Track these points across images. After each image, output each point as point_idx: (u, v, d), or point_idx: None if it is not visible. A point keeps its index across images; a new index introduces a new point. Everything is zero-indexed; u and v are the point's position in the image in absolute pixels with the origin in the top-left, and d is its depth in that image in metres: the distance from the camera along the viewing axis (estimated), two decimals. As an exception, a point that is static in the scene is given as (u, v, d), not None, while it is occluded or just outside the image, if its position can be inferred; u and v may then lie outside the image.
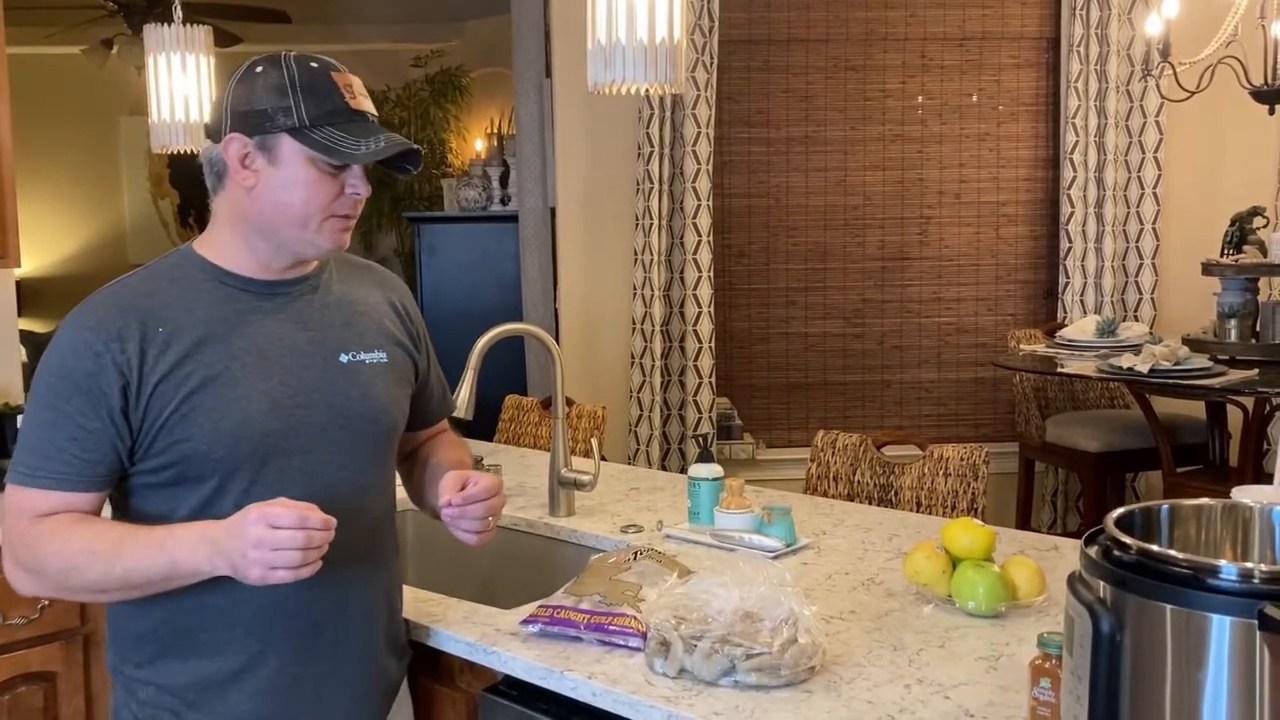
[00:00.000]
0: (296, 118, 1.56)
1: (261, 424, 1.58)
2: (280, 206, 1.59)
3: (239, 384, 1.58)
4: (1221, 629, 1.06)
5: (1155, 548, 1.13)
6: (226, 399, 1.57)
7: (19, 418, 3.08)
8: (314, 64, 1.59)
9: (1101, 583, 1.14)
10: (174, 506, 1.59)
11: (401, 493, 2.07)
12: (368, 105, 1.62)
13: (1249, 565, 1.09)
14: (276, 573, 1.44)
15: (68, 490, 1.55)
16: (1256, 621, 1.03)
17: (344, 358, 1.68)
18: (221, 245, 1.65)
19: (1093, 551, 1.17)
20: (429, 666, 1.88)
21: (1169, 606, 1.08)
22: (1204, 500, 1.29)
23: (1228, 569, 1.07)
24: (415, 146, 1.62)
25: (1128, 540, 1.14)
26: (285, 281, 1.67)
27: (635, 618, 1.71)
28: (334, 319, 1.70)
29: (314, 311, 1.68)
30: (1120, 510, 1.22)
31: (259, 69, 1.59)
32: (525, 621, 1.79)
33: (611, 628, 1.71)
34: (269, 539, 1.43)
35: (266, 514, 1.44)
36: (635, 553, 1.94)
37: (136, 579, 1.52)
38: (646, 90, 2.11)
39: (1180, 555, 1.10)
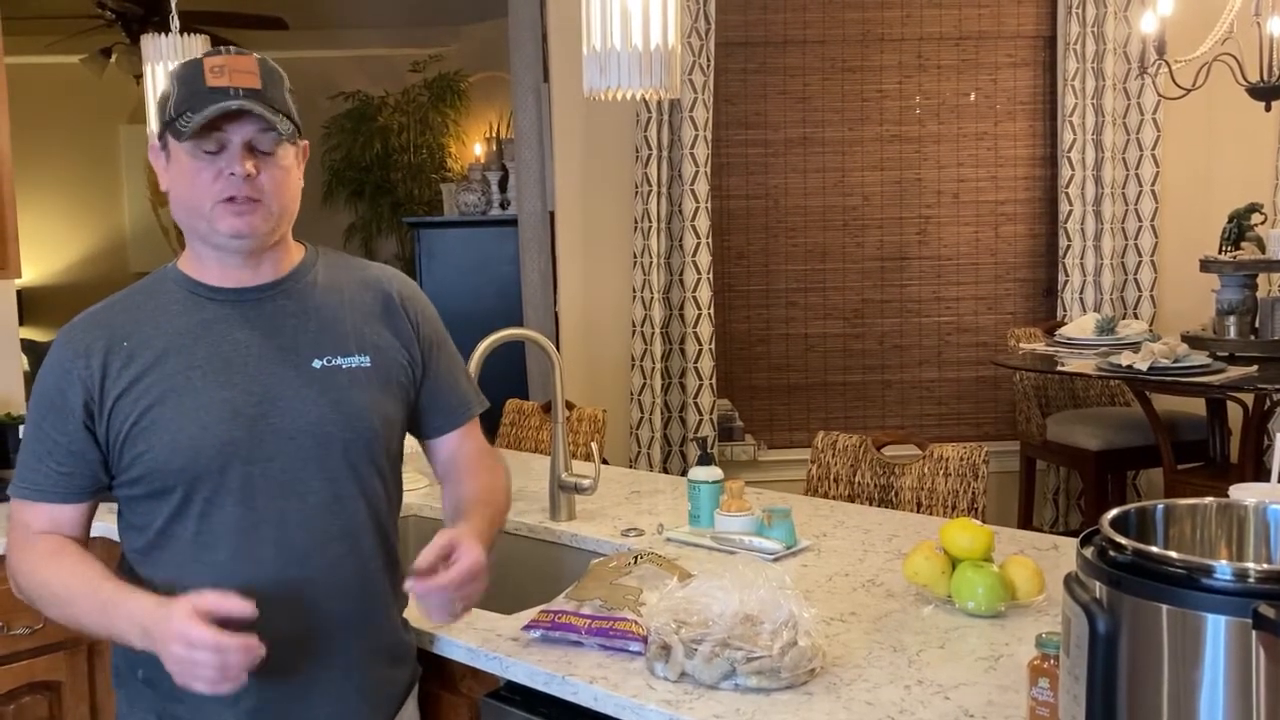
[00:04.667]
0: (170, 112, 1.59)
1: (220, 432, 1.58)
2: (179, 200, 1.62)
3: (198, 393, 1.59)
4: (1217, 628, 1.06)
5: (1150, 548, 1.13)
6: (184, 409, 1.58)
7: (21, 428, 3.08)
8: (199, 56, 1.61)
9: (1097, 583, 1.15)
10: (150, 519, 1.62)
11: (407, 497, 2.07)
12: (239, 81, 1.56)
13: (1244, 565, 1.10)
14: (195, 684, 1.47)
15: (50, 502, 1.63)
16: (1251, 621, 1.04)
17: (318, 363, 1.65)
18: (191, 257, 1.68)
19: (1088, 552, 1.18)
20: (431, 672, 1.88)
21: (1164, 606, 1.09)
22: (1199, 499, 1.29)
23: (1222, 569, 1.08)
24: (235, 107, 1.54)
25: (1123, 541, 1.14)
26: (254, 287, 1.66)
27: (636, 622, 1.72)
28: (309, 324, 1.67)
29: (287, 317, 1.67)
30: (1115, 510, 1.22)
31: None
32: (527, 627, 1.80)
33: (613, 632, 1.72)
34: (186, 656, 1.45)
35: (185, 631, 1.44)
36: (636, 556, 1.95)
37: (88, 629, 1.62)
38: (642, 95, 2.12)
39: (1175, 555, 1.11)
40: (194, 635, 1.44)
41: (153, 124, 3.31)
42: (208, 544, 1.60)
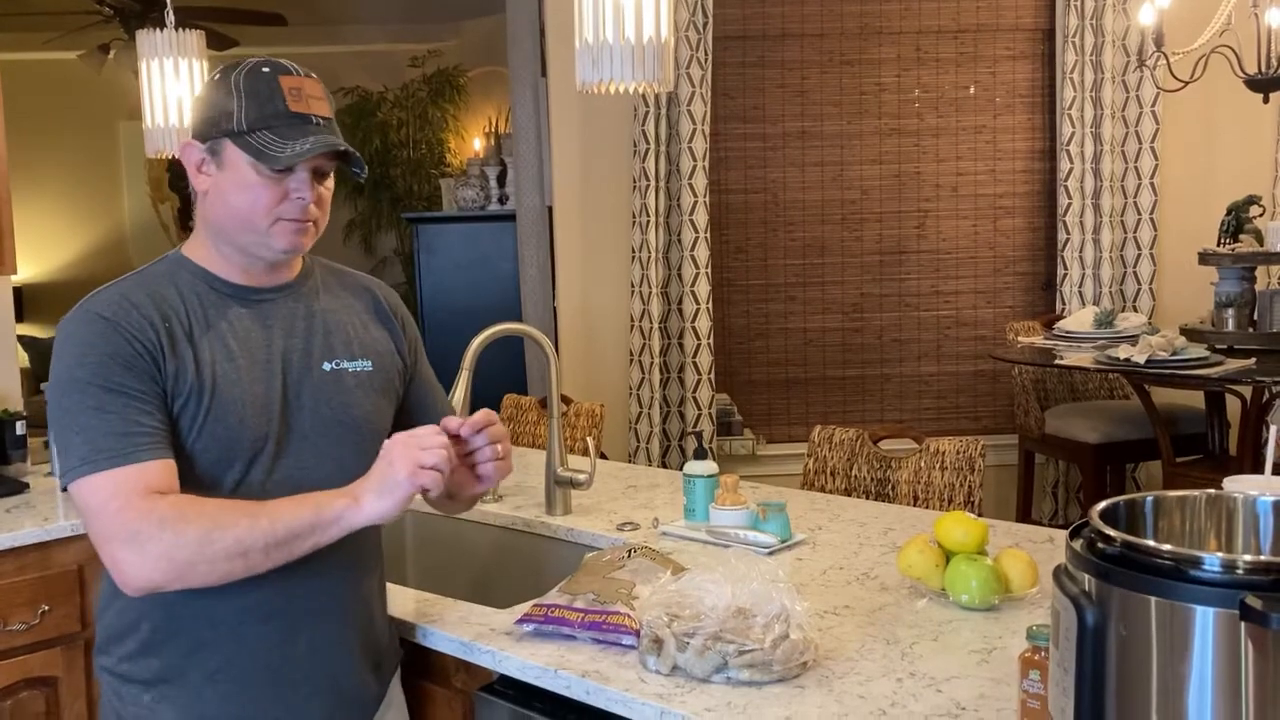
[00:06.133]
0: (236, 123, 1.58)
1: (254, 428, 1.60)
2: (229, 210, 1.61)
3: (234, 386, 1.59)
4: (1205, 620, 1.06)
5: (1139, 540, 1.13)
6: (224, 400, 1.58)
7: (19, 424, 3.09)
8: (265, 69, 1.61)
9: (1086, 575, 1.14)
10: None
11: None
12: (316, 108, 1.61)
13: (1232, 556, 1.09)
14: (425, 472, 1.51)
15: (161, 458, 1.51)
16: (1239, 613, 1.04)
17: (328, 365, 1.69)
18: (205, 250, 1.68)
19: (1077, 544, 1.18)
20: (424, 666, 1.89)
21: (1153, 598, 1.08)
22: (1188, 491, 1.29)
23: (1210, 560, 1.07)
24: (343, 147, 1.61)
25: (1111, 533, 1.14)
26: (269, 288, 1.69)
27: (629, 616, 1.72)
28: (318, 327, 1.70)
29: (298, 319, 1.69)
30: (1104, 502, 1.22)
31: (217, 76, 1.63)
32: (520, 621, 1.80)
33: (606, 626, 1.72)
34: (414, 440, 1.53)
35: (410, 431, 1.57)
36: (629, 550, 1.95)
37: (280, 530, 1.50)
38: (635, 89, 2.11)
39: (1164, 547, 1.11)
40: (418, 429, 1.57)
41: (148, 120, 3.30)
42: None
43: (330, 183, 1.67)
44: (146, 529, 1.47)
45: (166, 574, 1.49)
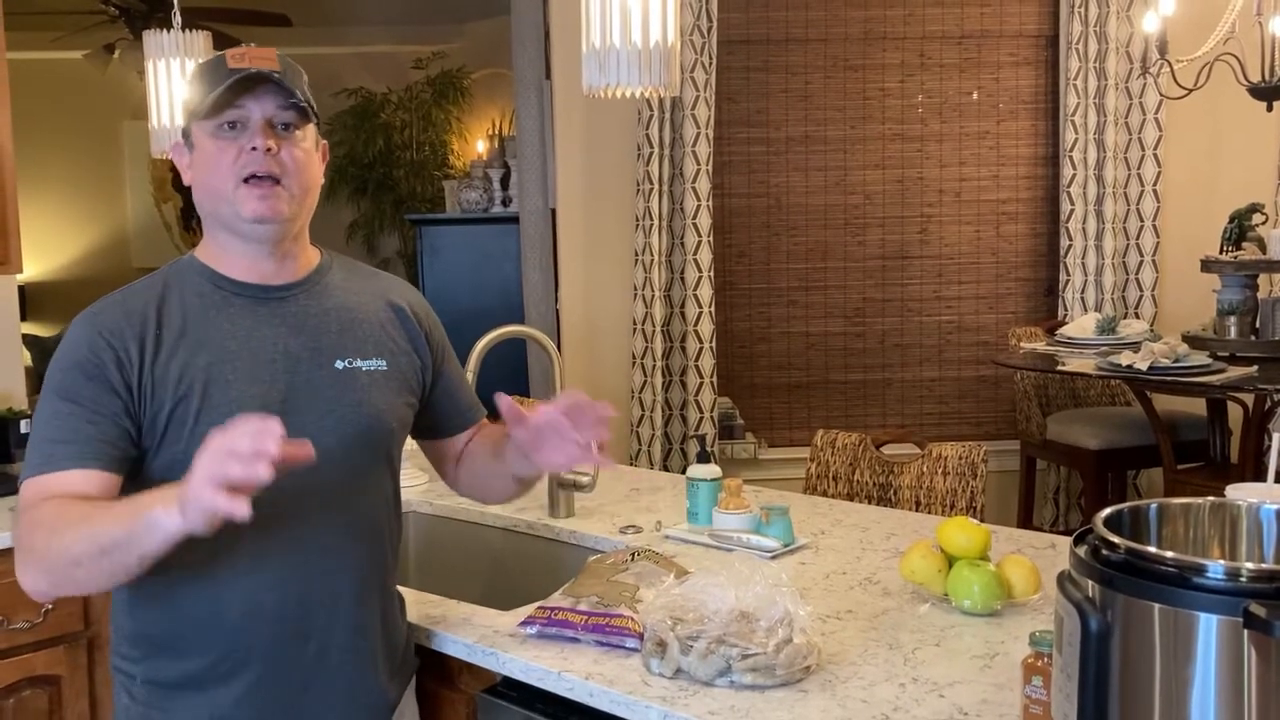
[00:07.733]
0: (196, 106, 1.62)
1: None
2: (203, 187, 1.64)
3: (230, 387, 1.59)
4: (1209, 627, 1.07)
5: (1143, 547, 1.14)
6: (217, 402, 1.58)
7: (23, 422, 3.09)
8: (220, 54, 1.64)
9: (1090, 582, 1.15)
10: None
11: (408, 494, 2.08)
12: (258, 63, 1.59)
13: (1235, 564, 1.10)
14: (222, 496, 1.30)
15: (85, 467, 1.51)
16: (1242, 620, 1.04)
17: (340, 364, 1.67)
18: (211, 248, 1.69)
19: (1081, 551, 1.19)
20: (429, 668, 1.89)
21: (1157, 605, 1.09)
22: (1192, 499, 1.30)
23: (1214, 568, 1.08)
24: (254, 71, 1.58)
25: (1116, 539, 1.15)
26: (278, 286, 1.68)
27: (632, 618, 1.72)
28: (331, 325, 1.69)
29: (310, 317, 1.68)
30: (1109, 510, 1.23)
31: None
32: (524, 623, 1.80)
33: (609, 628, 1.72)
34: (225, 443, 1.32)
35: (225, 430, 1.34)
36: (633, 553, 1.95)
37: (103, 539, 1.41)
38: (641, 93, 2.12)
39: (1168, 554, 1.11)
40: (243, 423, 1.35)
41: (154, 120, 3.31)
42: (230, 539, 1.58)
43: (304, 142, 1.64)
44: (24, 537, 1.48)
45: (45, 588, 1.50)
